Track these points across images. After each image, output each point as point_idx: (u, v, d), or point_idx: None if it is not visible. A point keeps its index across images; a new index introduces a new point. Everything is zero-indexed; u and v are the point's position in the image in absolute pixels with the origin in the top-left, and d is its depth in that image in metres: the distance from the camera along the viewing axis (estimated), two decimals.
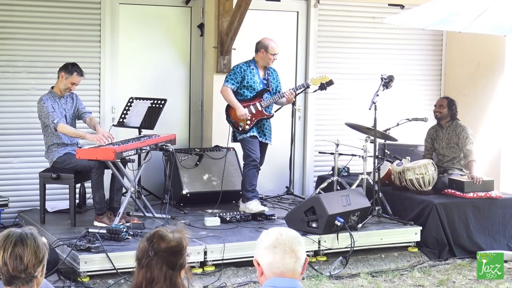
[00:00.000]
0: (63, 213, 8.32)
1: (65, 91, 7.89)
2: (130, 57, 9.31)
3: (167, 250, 3.25)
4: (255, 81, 8.49)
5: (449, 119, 9.08)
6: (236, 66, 8.55)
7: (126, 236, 7.06)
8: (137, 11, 9.35)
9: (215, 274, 7.11)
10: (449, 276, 7.51)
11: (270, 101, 8.50)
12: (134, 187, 7.87)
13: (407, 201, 8.56)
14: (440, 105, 9.12)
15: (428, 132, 9.34)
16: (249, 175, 8.44)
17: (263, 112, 8.49)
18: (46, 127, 7.80)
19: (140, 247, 3.29)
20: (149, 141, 7.95)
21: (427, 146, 9.31)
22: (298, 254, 3.12)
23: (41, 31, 8.81)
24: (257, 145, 8.49)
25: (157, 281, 3.22)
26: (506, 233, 8.50)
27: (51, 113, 7.70)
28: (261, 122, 8.52)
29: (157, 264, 3.23)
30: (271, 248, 3.10)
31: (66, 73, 7.82)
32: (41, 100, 7.79)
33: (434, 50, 10.86)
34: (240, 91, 8.48)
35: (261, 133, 8.54)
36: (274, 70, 8.71)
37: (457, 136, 8.94)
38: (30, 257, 3.06)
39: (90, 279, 6.72)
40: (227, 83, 8.46)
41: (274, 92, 8.59)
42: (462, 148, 8.88)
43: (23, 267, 3.05)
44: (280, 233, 3.14)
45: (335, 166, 8.98)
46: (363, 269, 7.62)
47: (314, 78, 8.79)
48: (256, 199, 8.44)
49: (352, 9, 10.25)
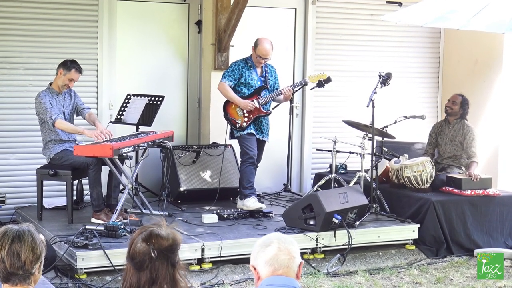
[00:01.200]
0: (60, 209, 8.30)
1: (63, 87, 7.87)
2: (127, 53, 9.30)
3: (168, 248, 3.21)
4: (253, 78, 8.47)
5: (458, 117, 9.08)
6: (234, 63, 8.54)
7: (123, 233, 7.05)
8: (134, 8, 9.34)
9: (213, 271, 7.11)
10: (446, 273, 7.51)
11: (268, 98, 8.49)
12: (132, 184, 7.86)
13: (404, 198, 8.56)
14: (453, 101, 9.11)
15: (433, 126, 9.35)
16: (246, 172, 8.43)
17: (261, 110, 8.48)
18: (44, 123, 7.79)
19: (137, 250, 3.18)
20: (147, 138, 7.94)
21: (430, 140, 9.30)
22: (292, 253, 3.15)
23: (39, 27, 8.80)
24: (255, 142, 8.48)
25: (162, 280, 3.17)
26: (503, 230, 8.50)
27: (49, 109, 7.68)
28: (259, 120, 8.51)
29: (161, 264, 3.17)
30: (264, 246, 3.16)
31: (64, 69, 7.81)
32: (39, 96, 7.77)
33: (432, 47, 10.85)
34: (238, 88, 8.46)
35: (258, 131, 8.52)
36: (272, 67, 8.69)
37: (463, 136, 8.94)
38: (27, 254, 3.06)
39: (87, 276, 6.71)
40: (224, 80, 8.43)
41: (272, 89, 8.57)
42: (467, 149, 8.88)
43: (21, 264, 3.05)
44: (274, 235, 3.23)
45: (333, 164, 8.98)
46: (360, 266, 7.62)
47: (312, 76, 8.78)
48: (254, 196, 8.43)
49: (350, 6, 10.24)
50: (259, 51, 8.38)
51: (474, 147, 8.86)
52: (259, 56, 8.38)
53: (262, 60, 8.41)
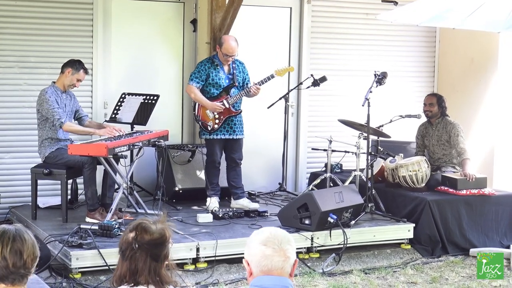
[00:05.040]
0: (54, 209, 8.28)
1: (69, 87, 7.92)
2: (122, 52, 9.27)
3: (151, 243, 3.27)
4: (220, 77, 8.39)
5: (439, 116, 9.07)
6: (200, 63, 8.46)
7: (118, 232, 7.02)
8: (129, 6, 9.31)
9: (208, 270, 7.09)
10: (442, 273, 7.51)
11: (237, 97, 8.40)
12: (126, 183, 7.84)
13: (400, 198, 8.55)
14: (430, 104, 9.09)
15: (418, 129, 9.33)
16: (208, 174, 8.49)
17: (231, 110, 8.39)
18: (44, 120, 7.76)
19: (124, 239, 3.31)
20: (142, 137, 7.93)
21: (418, 143, 9.32)
22: (287, 253, 3.09)
23: (33, 26, 8.76)
24: (220, 147, 8.44)
25: (141, 273, 3.25)
26: (499, 230, 8.50)
27: (56, 109, 7.68)
28: (230, 119, 8.44)
29: (141, 257, 3.26)
30: (260, 245, 3.08)
31: (73, 69, 7.84)
32: (46, 93, 7.73)
33: (427, 46, 10.85)
34: (206, 89, 8.37)
35: (230, 130, 8.44)
36: (240, 62, 8.57)
37: (447, 134, 8.92)
38: (29, 252, 3.05)
39: (82, 275, 6.68)
40: (191, 82, 8.35)
41: (242, 85, 8.48)
42: (455, 147, 8.86)
43: (22, 263, 3.03)
44: (270, 231, 3.14)
45: (328, 163, 8.97)
46: (356, 266, 7.61)
47: (279, 70, 8.60)
48: (216, 197, 8.48)
49: (345, 5, 10.23)
50: (225, 49, 8.30)
51: (461, 143, 8.82)
52: (226, 55, 8.31)
53: (229, 58, 8.34)
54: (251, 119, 9.26)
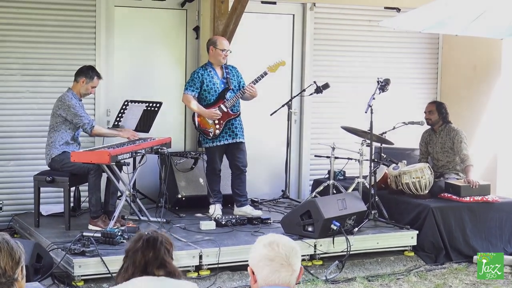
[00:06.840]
0: (57, 216, 8.27)
1: (85, 95, 8.04)
2: (125, 60, 9.28)
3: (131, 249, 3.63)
4: (215, 83, 8.41)
5: (442, 123, 9.06)
6: (193, 73, 8.49)
7: (120, 240, 7.02)
8: (132, 14, 9.32)
9: (211, 278, 7.08)
10: (445, 280, 7.49)
11: (234, 100, 8.41)
12: (129, 191, 7.83)
13: (403, 205, 8.53)
14: (430, 111, 9.10)
15: (422, 136, 9.32)
16: (209, 182, 8.50)
17: (229, 113, 8.41)
18: (62, 123, 7.77)
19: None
20: (144, 144, 7.93)
21: (421, 150, 9.31)
22: (294, 267, 3.05)
23: (36, 33, 8.77)
24: (219, 154, 8.47)
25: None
26: (502, 237, 8.48)
27: (83, 113, 7.83)
28: (230, 122, 8.45)
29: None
30: (267, 261, 3.03)
31: (87, 78, 7.94)
32: (71, 99, 7.80)
33: (430, 53, 10.84)
34: (202, 96, 8.38)
35: (232, 134, 8.46)
36: (232, 67, 8.61)
37: (451, 140, 8.92)
38: (6, 260, 3.02)
39: (84, 283, 6.68)
40: (186, 91, 8.37)
41: (237, 89, 8.50)
42: (459, 153, 8.86)
43: (2, 271, 3.01)
44: (277, 244, 3.06)
45: (331, 170, 8.95)
46: (359, 273, 7.59)
47: (271, 66, 8.60)
48: (218, 204, 8.50)
49: (348, 12, 10.23)
50: (221, 44, 8.36)
51: (464, 150, 8.82)
52: (223, 50, 8.35)
53: (227, 53, 8.41)
54: (254, 126, 9.27)
